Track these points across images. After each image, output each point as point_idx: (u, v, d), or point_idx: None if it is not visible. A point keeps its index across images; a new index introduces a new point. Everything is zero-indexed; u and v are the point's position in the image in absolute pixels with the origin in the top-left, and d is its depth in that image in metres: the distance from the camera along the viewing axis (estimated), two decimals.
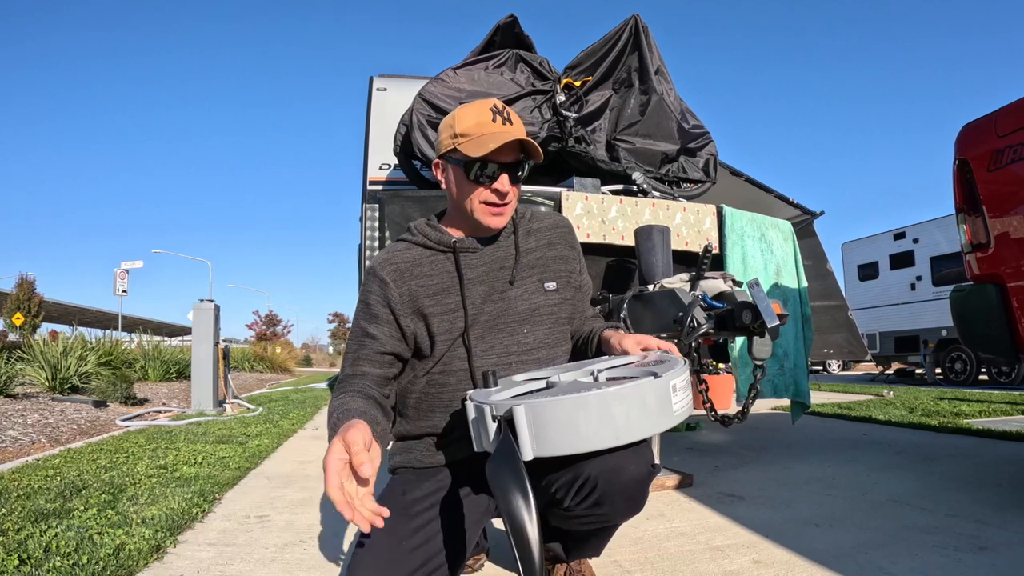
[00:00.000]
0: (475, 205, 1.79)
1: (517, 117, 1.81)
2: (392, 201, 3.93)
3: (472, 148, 1.72)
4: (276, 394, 12.28)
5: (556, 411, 1.31)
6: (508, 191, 1.78)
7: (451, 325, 1.82)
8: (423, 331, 1.84)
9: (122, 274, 30.05)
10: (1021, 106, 3.00)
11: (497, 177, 1.76)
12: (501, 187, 1.76)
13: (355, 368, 1.82)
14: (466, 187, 1.79)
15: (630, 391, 1.32)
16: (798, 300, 4.50)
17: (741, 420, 2.59)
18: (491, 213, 1.80)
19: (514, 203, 1.85)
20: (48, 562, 2.24)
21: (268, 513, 3.13)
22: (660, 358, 1.59)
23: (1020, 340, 2.98)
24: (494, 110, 1.76)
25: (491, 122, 1.74)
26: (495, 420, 1.37)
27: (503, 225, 1.84)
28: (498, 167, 1.75)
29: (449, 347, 1.82)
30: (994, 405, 7.78)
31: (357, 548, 1.61)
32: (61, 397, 7.83)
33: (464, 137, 1.73)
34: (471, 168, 1.76)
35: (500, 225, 1.83)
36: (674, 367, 1.43)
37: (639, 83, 4.37)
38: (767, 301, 1.61)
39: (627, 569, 2.30)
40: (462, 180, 1.79)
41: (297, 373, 28.62)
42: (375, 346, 1.82)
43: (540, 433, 1.32)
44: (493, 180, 1.76)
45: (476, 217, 1.81)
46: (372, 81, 5.18)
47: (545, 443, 1.32)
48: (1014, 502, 3.09)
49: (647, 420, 1.35)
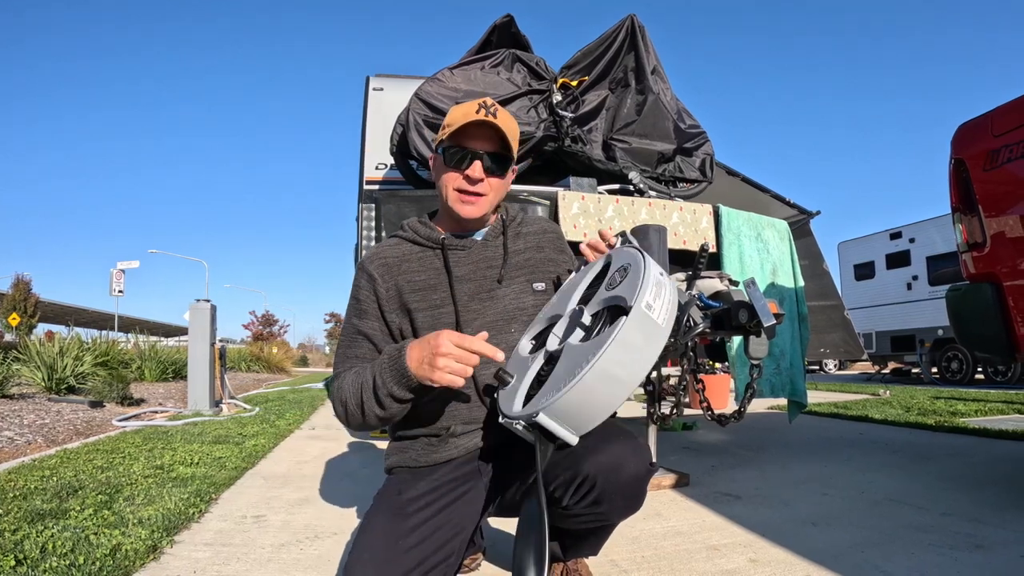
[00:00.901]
0: (449, 192, 1.83)
1: (507, 115, 1.83)
2: (388, 201, 3.93)
3: (450, 135, 1.78)
4: (273, 394, 12.25)
5: (570, 403, 1.36)
6: (480, 178, 1.80)
7: (435, 321, 1.83)
8: (408, 327, 1.86)
9: (118, 274, 30.02)
10: (1017, 106, 3.00)
11: (470, 163, 1.79)
12: (472, 173, 1.79)
13: (347, 366, 1.84)
14: (443, 173, 1.84)
15: (615, 349, 1.35)
16: (794, 299, 4.50)
17: (738, 420, 2.58)
18: (462, 200, 1.83)
19: (492, 196, 1.86)
20: (44, 562, 2.23)
21: (265, 513, 3.13)
22: (621, 264, 1.62)
23: (1016, 339, 2.98)
24: (482, 105, 1.79)
25: (474, 113, 1.77)
26: (528, 430, 1.44)
27: (477, 215, 1.85)
28: (471, 153, 1.79)
29: None
30: (990, 404, 7.80)
31: (354, 547, 1.61)
32: (57, 397, 7.81)
33: (448, 127, 1.78)
34: (447, 153, 1.81)
35: (473, 215, 1.84)
36: (635, 277, 1.48)
37: (635, 83, 4.37)
38: (763, 300, 1.61)
39: (624, 568, 2.30)
40: (440, 166, 1.85)
41: (294, 373, 28.58)
42: (367, 344, 1.85)
43: (569, 422, 1.39)
44: (463, 164, 1.80)
45: (450, 205, 1.84)
46: (369, 81, 5.18)
47: (579, 426, 1.41)
48: (1011, 501, 3.09)
49: (645, 352, 1.40)
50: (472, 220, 1.87)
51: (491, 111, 1.78)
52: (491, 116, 1.77)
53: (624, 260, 1.62)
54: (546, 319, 1.76)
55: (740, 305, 1.65)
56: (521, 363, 1.67)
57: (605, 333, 1.42)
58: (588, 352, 1.39)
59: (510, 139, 1.79)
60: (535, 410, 1.39)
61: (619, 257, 1.67)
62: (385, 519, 1.69)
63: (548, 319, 1.75)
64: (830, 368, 23.97)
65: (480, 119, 1.75)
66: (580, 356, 1.41)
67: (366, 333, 1.85)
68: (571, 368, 1.41)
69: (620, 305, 1.47)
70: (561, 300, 1.78)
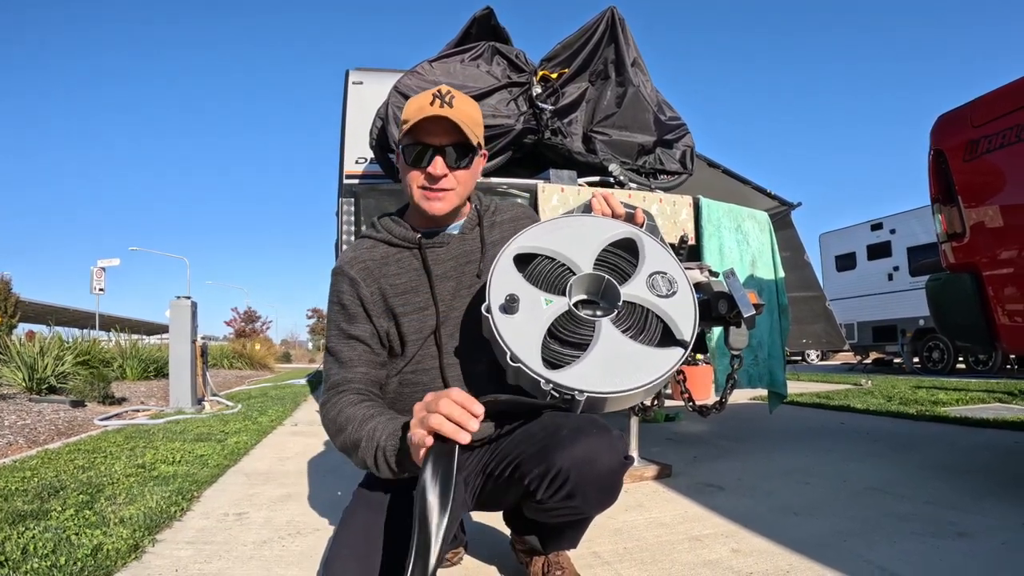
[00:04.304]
0: (414, 190, 1.77)
1: (465, 100, 1.76)
2: (368, 195, 3.92)
3: (407, 131, 1.71)
4: (255, 391, 12.21)
5: (613, 401, 1.45)
6: (443, 174, 1.72)
7: (421, 324, 1.80)
8: (394, 331, 1.82)
9: (99, 272, 29.74)
10: (996, 97, 3.02)
11: (431, 160, 1.72)
12: (433, 170, 1.71)
13: (348, 371, 1.78)
14: (406, 172, 1.77)
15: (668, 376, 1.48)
16: (774, 290, 4.52)
17: (719, 410, 2.60)
18: (427, 197, 1.76)
19: (460, 189, 1.78)
20: (26, 563, 2.21)
21: (247, 510, 3.11)
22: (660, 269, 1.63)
23: (996, 328, 3.01)
24: (436, 95, 1.71)
25: (429, 105, 1.69)
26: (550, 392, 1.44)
27: (446, 210, 1.78)
28: (431, 149, 1.72)
29: (420, 346, 1.81)
30: (971, 393, 7.87)
31: (334, 543, 1.61)
32: (38, 398, 7.74)
33: (406, 124, 1.71)
34: (407, 151, 1.74)
35: (441, 211, 1.77)
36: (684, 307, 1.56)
37: (615, 75, 4.36)
38: (743, 291, 1.60)
39: (606, 560, 2.30)
40: (403, 165, 1.77)
41: (276, 369, 28.45)
42: (362, 348, 1.79)
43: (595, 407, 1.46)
44: (424, 162, 1.73)
45: (417, 202, 1.78)
46: (348, 74, 5.16)
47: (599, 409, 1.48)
48: (991, 489, 3.12)
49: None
50: (442, 216, 1.81)
51: (447, 100, 1.70)
52: (446, 106, 1.69)
53: (664, 267, 1.64)
54: (544, 248, 1.67)
55: (720, 296, 1.64)
56: (520, 289, 1.58)
57: (663, 358, 1.49)
58: (643, 362, 1.47)
59: (470, 127, 1.71)
60: (580, 389, 1.40)
61: (653, 255, 1.66)
62: (365, 514, 1.68)
63: (549, 251, 1.66)
64: (812, 359, 24.13)
65: (434, 113, 1.68)
66: (629, 359, 1.46)
67: (358, 336, 1.79)
68: (616, 363, 1.45)
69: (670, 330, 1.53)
70: (559, 237, 1.69)
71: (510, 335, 1.49)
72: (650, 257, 1.64)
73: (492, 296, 1.54)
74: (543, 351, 1.49)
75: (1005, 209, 2.94)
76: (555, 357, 1.49)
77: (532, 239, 1.68)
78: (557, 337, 1.52)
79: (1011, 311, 2.94)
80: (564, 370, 1.44)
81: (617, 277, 1.61)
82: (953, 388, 8.88)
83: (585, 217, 1.76)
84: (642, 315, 1.55)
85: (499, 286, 1.56)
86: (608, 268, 1.64)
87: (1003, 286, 2.95)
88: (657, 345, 1.51)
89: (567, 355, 1.48)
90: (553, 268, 1.63)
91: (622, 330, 1.52)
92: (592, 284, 1.61)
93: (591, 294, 1.63)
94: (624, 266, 1.64)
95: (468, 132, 1.70)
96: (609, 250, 1.67)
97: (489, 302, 1.53)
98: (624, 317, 1.55)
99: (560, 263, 1.63)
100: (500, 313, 1.52)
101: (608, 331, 1.50)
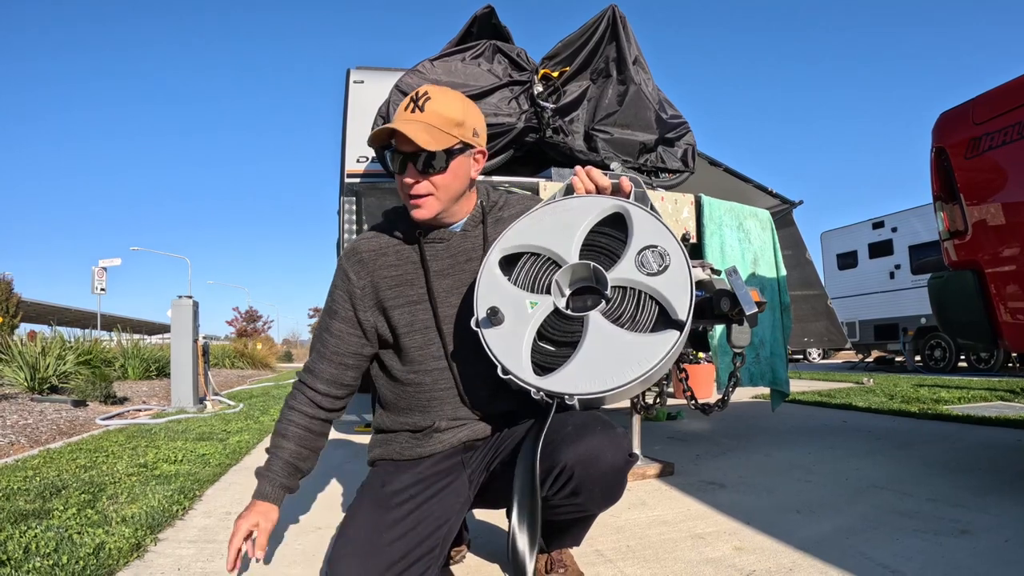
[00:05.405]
0: (403, 196, 1.76)
1: (442, 100, 1.70)
2: (369, 194, 3.92)
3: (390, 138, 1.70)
4: (257, 390, 12.20)
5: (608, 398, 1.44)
6: (414, 181, 1.69)
7: (412, 318, 1.80)
8: (383, 324, 1.82)
9: (100, 272, 29.74)
10: (997, 94, 3.01)
11: (405, 167, 1.70)
12: (406, 178, 1.70)
13: (313, 364, 1.89)
14: (396, 178, 1.76)
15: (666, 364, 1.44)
16: (776, 288, 4.52)
17: (721, 408, 2.59)
18: (411, 204, 1.74)
19: (440, 193, 1.73)
20: (28, 563, 2.21)
21: None
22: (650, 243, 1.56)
23: (998, 326, 3.00)
24: (412, 98, 1.69)
25: (404, 110, 1.68)
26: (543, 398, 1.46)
27: (427, 217, 1.75)
28: (402, 156, 1.69)
29: (421, 345, 1.81)
30: (973, 391, 7.86)
31: (337, 541, 1.61)
32: (40, 397, 7.73)
33: None
34: (389, 159, 1.74)
35: (423, 216, 1.74)
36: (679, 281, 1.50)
37: (617, 73, 4.36)
38: (745, 289, 1.60)
39: (609, 558, 2.30)
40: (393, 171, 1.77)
41: (278, 369, 28.45)
42: (333, 344, 1.85)
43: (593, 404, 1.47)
44: (400, 168, 1.71)
45: (408, 207, 1.77)
46: (349, 73, 5.15)
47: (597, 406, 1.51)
48: (993, 486, 3.12)
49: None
50: (430, 219, 1.77)
51: (420, 104, 1.67)
52: (418, 111, 1.66)
53: (654, 239, 1.56)
54: (527, 245, 1.64)
55: (722, 293, 1.63)
56: (506, 296, 1.57)
57: (656, 344, 1.44)
58: (633, 354, 1.42)
59: (443, 128, 1.66)
60: (569, 393, 1.39)
61: (642, 227, 1.58)
62: (368, 512, 1.68)
63: (532, 247, 1.63)
64: (814, 357, 24.09)
65: (406, 118, 1.66)
66: (621, 352, 1.43)
67: (333, 332, 1.86)
68: (607, 359, 1.43)
69: (666, 311, 1.48)
70: (542, 229, 1.64)
71: (499, 347, 1.50)
72: (639, 230, 1.57)
73: (478, 310, 1.54)
74: (535, 355, 1.48)
75: (1007, 207, 2.94)
76: (547, 360, 1.49)
77: (515, 237, 1.66)
78: (548, 338, 1.52)
79: (1013, 309, 2.93)
80: (554, 374, 1.44)
81: (606, 260, 1.58)
82: (955, 386, 8.87)
83: (568, 200, 1.68)
84: (634, 298, 1.52)
85: (484, 298, 1.56)
86: (596, 252, 1.61)
87: (1005, 283, 2.95)
88: (652, 330, 1.48)
89: (559, 356, 1.48)
90: (537, 266, 1.62)
91: (614, 319, 1.50)
92: (580, 273, 1.58)
93: (585, 281, 1.59)
94: (614, 246, 1.60)
95: (438, 135, 1.66)
96: (596, 231, 1.63)
97: (476, 316, 1.53)
98: (616, 304, 1.52)
99: (545, 258, 1.61)
100: (487, 326, 1.52)
101: (597, 325, 1.48)
